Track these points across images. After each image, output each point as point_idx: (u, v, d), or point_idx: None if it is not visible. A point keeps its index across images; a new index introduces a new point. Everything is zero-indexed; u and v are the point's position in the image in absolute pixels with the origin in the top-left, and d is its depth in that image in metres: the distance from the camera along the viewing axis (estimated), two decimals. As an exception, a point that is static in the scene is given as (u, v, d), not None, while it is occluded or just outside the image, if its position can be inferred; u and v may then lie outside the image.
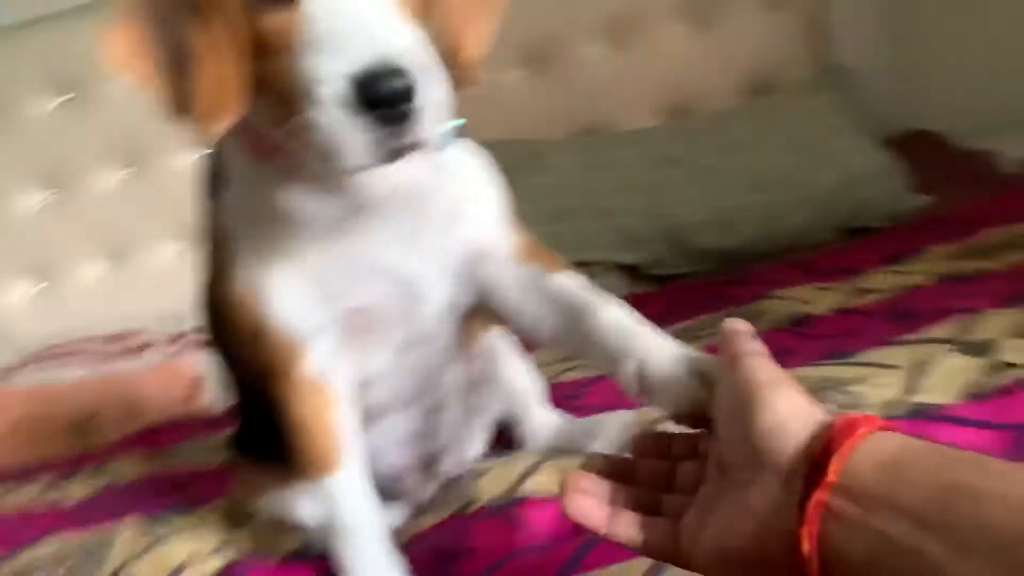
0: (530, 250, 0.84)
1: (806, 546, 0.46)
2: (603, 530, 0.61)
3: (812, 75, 2.03)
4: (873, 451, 0.46)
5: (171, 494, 1.18)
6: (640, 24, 2.01)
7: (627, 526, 0.60)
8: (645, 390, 0.69)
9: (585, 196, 1.78)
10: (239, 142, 0.77)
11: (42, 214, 2.01)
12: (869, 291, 1.28)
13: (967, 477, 0.42)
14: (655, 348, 0.70)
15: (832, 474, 0.46)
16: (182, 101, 0.67)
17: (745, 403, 0.52)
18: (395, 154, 0.64)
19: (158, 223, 1.99)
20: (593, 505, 0.61)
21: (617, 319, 0.74)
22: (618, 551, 0.71)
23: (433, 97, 0.63)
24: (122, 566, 0.95)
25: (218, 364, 1.08)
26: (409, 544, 0.87)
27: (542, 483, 0.92)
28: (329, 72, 0.62)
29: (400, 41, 0.63)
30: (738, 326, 0.60)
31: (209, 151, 0.84)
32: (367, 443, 0.86)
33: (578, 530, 0.80)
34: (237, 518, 1.06)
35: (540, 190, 1.76)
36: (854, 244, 1.61)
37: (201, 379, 1.59)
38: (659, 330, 0.72)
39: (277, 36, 0.65)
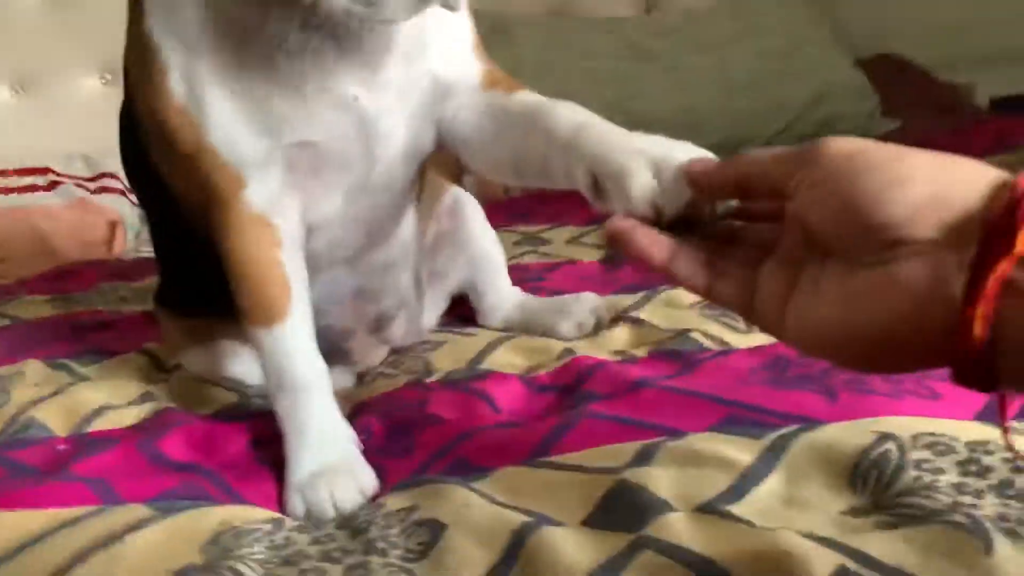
0: (494, 77, 0.76)
1: (979, 328, 0.38)
2: (660, 264, 0.51)
3: (792, -16, 1.95)
4: None
5: (82, 340, 1.07)
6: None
7: (689, 264, 0.51)
8: (600, 193, 0.58)
9: (548, 78, 1.68)
10: None
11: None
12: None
13: None
14: (612, 141, 0.59)
15: (1020, 245, 0.37)
16: None
17: (861, 177, 0.42)
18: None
19: (79, 53, 1.81)
20: (651, 239, 0.52)
21: (573, 115, 0.65)
22: (600, 432, 0.66)
23: None
24: (23, 410, 0.84)
25: (141, 204, 0.96)
26: (358, 411, 0.80)
27: (504, 360, 0.85)
28: None
29: None
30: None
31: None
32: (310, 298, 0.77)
33: (551, 409, 0.75)
34: (157, 371, 0.96)
35: (501, 66, 1.66)
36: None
37: (119, 221, 1.45)
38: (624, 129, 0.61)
39: None
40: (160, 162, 0.78)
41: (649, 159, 0.55)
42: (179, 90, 0.70)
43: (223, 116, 0.69)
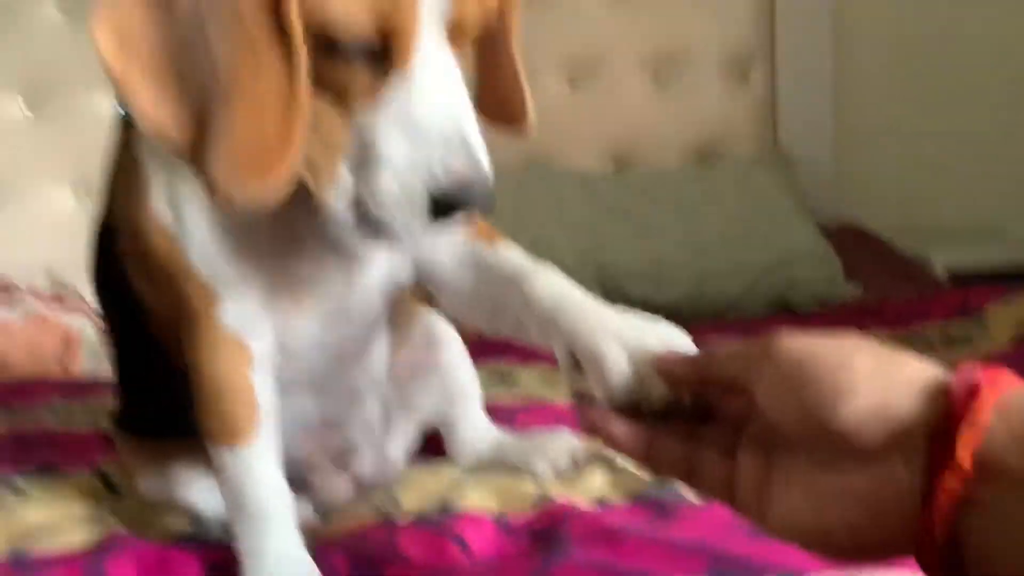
0: (476, 226, 0.76)
1: (937, 535, 0.39)
2: (639, 458, 0.53)
3: (757, 153, 2.04)
4: (1007, 419, 0.38)
5: (30, 457, 1.01)
6: (600, 67, 2.02)
7: (667, 455, 0.52)
8: (577, 371, 0.59)
9: (520, 226, 1.71)
10: None
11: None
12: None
13: None
14: (590, 322, 0.60)
15: (963, 459, 0.38)
16: (200, 143, 0.58)
17: (809, 388, 0.43)
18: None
19: (54, 165, 1.80)
20: (627, 432, 0.53)
21: (552, 286, 0.66)
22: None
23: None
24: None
25: (105, 318, 0.93)
26: (321, 546, 0.76)
27: (476, 501, 0.82)
28: (416, 168, 0.58)
29: (483, 151, 0.59)
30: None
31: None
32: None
33: (529, 551, 0.72)
34: (108, 492, 0.91)
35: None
36: (788, 321, 1.59)
37: (77, 340, 1.41)
38: (602, 301, 0.63)
39: (358, 94, 0.59)
40: (133, 273, 0.76)
41: (625, 346, 0.56)
42: (161, 209, 0.69)
43: (204, 240, 0.68)
